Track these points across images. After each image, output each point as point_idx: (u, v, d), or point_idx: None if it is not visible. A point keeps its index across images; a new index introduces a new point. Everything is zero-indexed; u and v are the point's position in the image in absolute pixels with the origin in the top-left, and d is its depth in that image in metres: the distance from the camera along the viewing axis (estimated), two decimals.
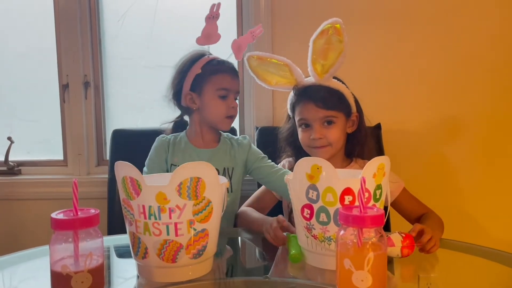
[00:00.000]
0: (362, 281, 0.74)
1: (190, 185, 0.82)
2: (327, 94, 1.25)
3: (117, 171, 0.87)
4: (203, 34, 1.23)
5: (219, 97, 1.29)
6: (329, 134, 1.26)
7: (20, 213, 1.85)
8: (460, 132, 1.76)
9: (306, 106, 1.26)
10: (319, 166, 0.88)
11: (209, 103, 1.30)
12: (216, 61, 1.31)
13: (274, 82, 1.30)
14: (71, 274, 0.74)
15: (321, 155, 1.24)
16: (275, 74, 1.29)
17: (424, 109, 1.76)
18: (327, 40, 1.19)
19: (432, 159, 1.77)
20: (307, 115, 1.27)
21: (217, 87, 1.29)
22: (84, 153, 1.85)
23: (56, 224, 0.75)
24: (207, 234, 0.87)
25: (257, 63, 1.29)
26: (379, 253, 0.75)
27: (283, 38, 1.74)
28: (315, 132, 1.25)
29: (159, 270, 0.86)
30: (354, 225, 0.75)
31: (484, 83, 1.74)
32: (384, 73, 1.75)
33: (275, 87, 1.32)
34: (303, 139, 1.30)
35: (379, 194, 0.90)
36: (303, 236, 0.94)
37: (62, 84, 1.84)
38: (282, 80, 1.30)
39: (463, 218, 1.77)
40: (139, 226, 0.84)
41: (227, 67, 1.31)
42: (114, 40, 1.88)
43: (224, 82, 1.29)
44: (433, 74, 1.75)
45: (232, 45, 1.27)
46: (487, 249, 1.06)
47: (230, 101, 1.30)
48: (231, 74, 1.31)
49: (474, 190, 1.77)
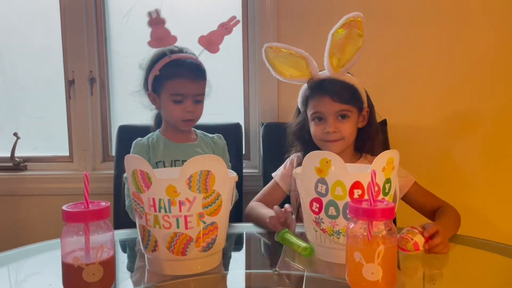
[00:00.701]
0: (373, 273, 0.74)
1: (200, 178, 0.82)
2: (342, 88, 1.25)
3: (127, 164, 0.87)
4: (153, 38, 1.21)
5: (174, 101, 1.27)
6: (343, 128, 1.26)
7: (26, 209, 1.86)
8: (467, 127, 1.76)
9: (321, 100, 1.26)
10: (328, 160, 0.88)
11: (165, 107, 1.29)
12: (175, 62, 1.26)
13: (288, 75, 1.30)
14: (82, 266, 0.74)
15: (333, 149, 1.24)
16: (290, 67, 1.29)
17: (430, 105, 1.76)
18: (347, 33, 1.20)
19: (439, 154, 1.77)
20: (322, 109, 1.27)
21: (172, 92, 1.27)
22: (90, 149, 1.86)
23: (67, 217, 0.75)
24: (217, 227, 0.87)
25: (273, 55, 1.28)
26: (389, 246, 0.75)
27: (289, 36, 1.74)
28: (329, 126, 1.25)
29: (169, 263, 0.86)
30: (364, 218, 0.75)
31: (491, 79, 1.74)
32: (390, 69, 1.75)
33: (289, 80, 1.31)
34: (316, 132, 1.30)
35: (388, 188, 0.90)
36: (311, 230, 0.94)
37: (68, 80, 1.84)
38: (296, 73, 1.29)
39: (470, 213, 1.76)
40: (149, 219, 0.85)
41: (184, 70, 1.26)
42: (119, 37, 1.88)
43: (178, 88, 1.26)
44: (439, 70, 1.75)
45: (199, 41, 1.25)
46: (495, 244, 1.06)
47: (186, 106, 1.27)
48: (188, 78, 1.26)
49: (481, 184, 1.77)
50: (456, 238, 1.10)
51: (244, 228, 1.23)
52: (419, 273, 0.94)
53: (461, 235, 1.12)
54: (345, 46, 1.21)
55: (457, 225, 1.18)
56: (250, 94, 1.84)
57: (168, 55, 1.27)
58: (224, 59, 1.86)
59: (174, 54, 1.28)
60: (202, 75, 1.30)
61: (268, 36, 1.73)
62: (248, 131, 1.85)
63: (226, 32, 1.25)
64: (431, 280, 0.91)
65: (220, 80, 1.87)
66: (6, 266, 0.96)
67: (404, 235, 0.95)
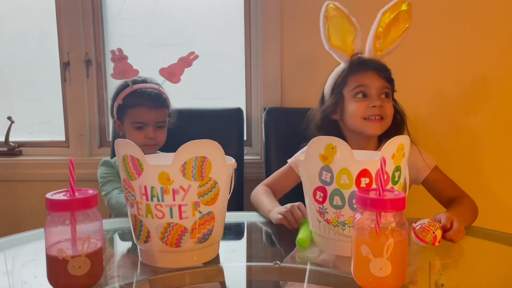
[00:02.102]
0: (381, 269, 0.69)
1: (195, 165, 0.76)
2: (385, 66, 1.25)
3: (117, 149, 0.81)
4: (115, 72, 1.30)
5: (135, 128, 1.35)
6: (387, 106, 1.22)
7: (21, 195, 1.82)
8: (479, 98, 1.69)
9: (367, 74, 1.22)
10: (333, 146, 0.82)
11: (128, 133, 1.36)
12: (137, 92, 1.34)
13: (335, 45, 1.26)
14: (67, 259, 0.69)
15: (375, 129, 1.21)
16: (340, 37, 1.26)
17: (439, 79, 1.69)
18: (397, 15, 1.20)
19: (451, 133, 1.70)
20: (368, 82, 1.22)
21: (133, 120, 1.34)
22: (86, 134, 1.80)
23: (51, 205, 0.71)
24: (213, 218, 0.81)
25: (332, 15, 1.25)
26: (399, 239, 0.69)
27: (292, 35, 1.68)
28: (375, 100, 1.20)
29: (162, 255, 0.81)
30: (373, 209, 0.69)
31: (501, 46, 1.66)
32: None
33: (332, 49, 1.27)
34: (357, 109, 1.22)
35: (398, 177, 0.84)
36: (315, 221, 0.88)
37: (63, 62, 1.78)
38: (342, 46, 1.26)
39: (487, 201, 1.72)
40: (141, 208, 0.79)
41: (145, 100, 1.33)
42: (116, 17, 1.82)
43: (139, 116, 1.34)
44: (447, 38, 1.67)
45: (160, 72, 1.33)
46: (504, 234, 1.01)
47: (146, 132, 1.34)
48: (148, 107, 1.33)
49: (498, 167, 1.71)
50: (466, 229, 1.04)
51: (245, 217, 1.17)
52: (425, 263, 0.90)
53: (472, 226, 1.07)
54: (390, 28, 1.22)
55: (473, 217, 1.13)
56: (252, 78, 1.77)
57: (130, 86, 1.34)
58: (225, 42, 1.81)
59: (136, 84, 1.35)
60: (163, 104, 1.37)
61: (271, 36, 1.68)
62: (249, 117, 1.79)
63: (186, 65, 1.33)
64: (438, 270, 0.86)
65: (221, 64, 1.83)
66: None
67: (425, 226, 0.89)
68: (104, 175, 1.34)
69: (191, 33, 1.81)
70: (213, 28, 1.81)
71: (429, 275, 0.85)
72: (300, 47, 1.69)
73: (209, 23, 1.80)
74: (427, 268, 0.88)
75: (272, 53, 1.69)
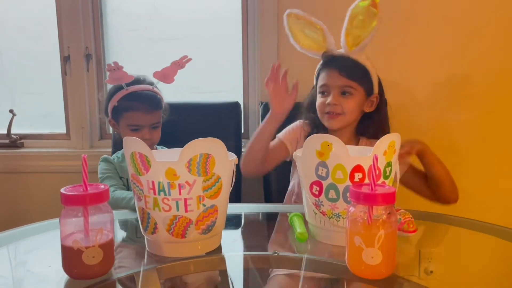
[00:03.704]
0: (372, 258, 0.74)
1: (200, 161, 0.81)
2: (353, 65, 1.28)
3: (126, 146, 0.86)
4: (111, 78, 1.33)
5: (131, 130, 1.36)
6: (345, 103, 1.28)
7: (22, 186, 1.85)
8: (460, 97, 1.74)
9: (330, 73, 1.29)
10: (329, 143, 0.87)
11: (124, 134, 1.36)
12: (132, 95, 1.34)
13: (305, 45, 1.32)
14: (82, 249, 0.74)
15: (332, 124, 1.29)
16: (308, 37, 1.31)
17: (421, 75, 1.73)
18: (364, 11, 1.23)
19: (433, 128, 1.75)
20: (328, 81, 1.29)
21: (129, 123, 1.36)
22: (87, 126, 1.84)
23: (66, 200, 0.75)
24: (216, 210, 0.87)
25: (294, 22, 1.30)
26: (389, 230, 0.75)
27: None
28: (332, 98, 1.28)
29: (169, 245, 0.86)
30: (365, 203, 0.75)
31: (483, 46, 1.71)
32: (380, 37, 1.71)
33: (305, 50, 1.33)
34: (319, 105, 1.32)
35: (389, 172, 0.89)
36: (311, 213, 0.94)
37: (64, 56, 1.81)
38: (313, 45, 1.32)
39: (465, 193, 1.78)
40: (149, 202, 0.84)
41: (141, 103, 1.34)
42: (116, 11, 1.84)
43: (134, 119, 1.35)
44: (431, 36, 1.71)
45: (154, 75, 1.34)
46: (489, 225, 1.06)
47: (142, 134, 1.35)
48: (143, 111, 1.34)
49: (478, 163, 1.76)
50: (449, 219, 1.10)
51: (243, 208, 1.23)
52: (415, 252, 0.95)
53: (453, 216, 1.12)
54: (361, 25, 1.24)
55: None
56: (249, 73, 1.81)
57: (125, 88, 1.35)
58: (223, 36, 1.84)
59: (131, 86, 1.36)
60: (158, 105, 1.39)
61: (268, 37, 1.71)
62: (247, 110, 1.83)
63: (179, 67, 1.35)
64: (427, 258, 0.91)
65: (219, 58, 1.86)
66: (5, 246, 0.96)
67: (403, 219, 0.95)
68: (103, 171, 1.36)
69: (190, 28, 1.84)
70: (211, 22, 1.83)
71: (419, 263, 0.90)
72: None
73: (207, 17, 1.83)
74: (417, 255, 0.93)
75: (269, 47, 1.73)
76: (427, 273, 0.86)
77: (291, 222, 1.02)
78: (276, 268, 0.91)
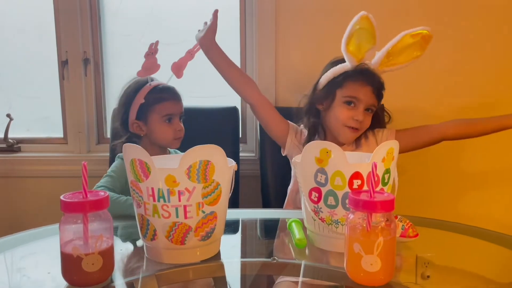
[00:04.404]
0: (371, 265, 0.75)
1: (199, 168, 0.82)
2: (381, 86, 1.32)
3: (126, 153, 0.86)
4: (144, 68, 1.32)
5: (165, 121, 1.35)
6: (367, 120, 1.32)
7: (19, 191, 1.85)
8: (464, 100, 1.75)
9: (364, 87, 1.29)
10: (328, 150, 0.87)
11: (156, 129, 1.36)
12: (158, 88, 1.35)
13: (349, 49, 1.30)
14: (82, 256, 0.74)
15: (351, 137, 1.33)
16: (358, 43, 1.29)
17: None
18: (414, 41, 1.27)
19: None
20: (360, 96, 1.29)
21: (162, 114, 1.35)
22: (85, 131, 1.84)
23: (66, 207, 0.75)
24: (216, 217, 0.87)
25: (362, 25, 1.28)
26: (388, 238, 0.75)
27: (287, 36, 1.73)
28: (360, 114, 1.29)
29: (168, 252, 0.86)
30: (364, 210, 0.75)
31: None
32: None
33: (345, 52, 1.30)
34: (342, 115, 1.31)
35: (387, 178, 0.90)
36: (310, 219, 0.94)
37: (61, 60, 1.81)
38: (354, 51, 1.29)
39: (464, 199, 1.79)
40: (148, 208, 0.84)
41: (169, 93, 1.36)
42: (114, 16, 1.84)
43: (168, 109, 1.35)
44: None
45: (172, 67, 1.35)
46: (486, 230, 1.07)
47: (175, 125, 1.36)
48: (174, 100, 1.36)
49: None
50: (447, 225, 1.11)
51: (242, 214, 1.23)
52: (412, 257, 0.95)
53: (451, 222, 1.13)
54: (403, 51, 1.27)
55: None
56: None
57: (149, 83, 1.35)
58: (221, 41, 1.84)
59: (152, 82, 1.36)
60: (181, 96, 1.40)
61: (266, 38, 1.72)
62: (245, 115, 1.84)
63: (190, 57, 1.38)
64: (424, 263, 0.92)
65: None
66: (3, 252, 0.95)
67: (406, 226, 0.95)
68: (113, 169, 1.34)
69: (188, 32, 1.84)
70: None
71: (416, 267, 0.91)
72: (295, 47, 1.74)
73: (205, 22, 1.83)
74: (414, 260, 0.94)
75: (267, 53, 1.73)
76: (424, 278, 0.87)
77: (290, 228, 1.02)
78: (274, 274, 0.91)
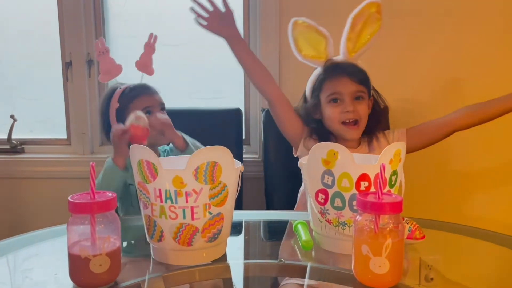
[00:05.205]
0: (380, 267, 0.74)
1: (206, 169, 0.81)
2: (358, 70, 1.29)
3: (133, 154, 0.86)
4: (102, 72, 1.28)
5: (146, 112, 1.32)
6: (360, 109, 1.29)
7: (23, 192, 1.85)
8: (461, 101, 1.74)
9: (339, 80, 1.28)
10: (335, 152, 0.87)
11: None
12: (128, 89, 1.34)
13: (306, 54, 1.32)
14: (89, 257, 0.74)
15: (354, 134, 1.29)
16: (310, 45, 1.31)
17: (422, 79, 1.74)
18: (367, 17, 1.24)
19: None
20: (341, 88, 1.28)
21: (143, 107, 1.33)
22: (88, 132, 1.84)
23: (73, 208, 0.75)
24: (222, 218, 0.87)
25: (299, 30, 1.31)
26: (396, 239, 0.75)
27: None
28: (348, 105, 1.27)
29: (175, 253, 0.86)
30: (372, 212, 0.75)
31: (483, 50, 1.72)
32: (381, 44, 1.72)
33: (305, 60, 1.33)
34: (333, 114, 1.30)
35: (394, 180, 0.90)
36: (316, 221, 0.94)
37: (65, 62, 1.81)
38: (313, 53, 1.32)
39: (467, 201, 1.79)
40: (155, 210, 0.84)
41: (140, 89, 1.35)
42: (117, 18, 1.85)
43: (142, 104, 1.33)
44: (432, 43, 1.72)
45: (137, 66, 1.30)
46: (489, 232, 1.07)
47: (156, 116, 1.33)
48: (146, 94, 1.35)
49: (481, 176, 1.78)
50: (450, 226, 1.10)
51: (247, 216, 1.23)
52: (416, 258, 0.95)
53: (454, 223, 1.12)
54: (362, 30, 1.25)
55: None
56: None
57: (119, 87, 1.35)
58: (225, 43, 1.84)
59: (122, 85, 1.35)
60: (155, 90, 1.39)
61: (270, 35, 1.72)
62: (248, 116, 1.84)
63: (152, 50, 1.32)
64: (428, 265, 0.92)
65: (221, 65, 1.87)
66: (8, 254, 0.95)
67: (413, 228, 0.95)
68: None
69: (191, 34, 1.85)
70: None
71: (420, 270, 0.90)
72: None
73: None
74: (418, 263, 0.93)
75: (270, 54, 1.74)
76: (428, 280, 0.86)
77: (296, 230, 1.02)
78: (280, 276, 0.91)
